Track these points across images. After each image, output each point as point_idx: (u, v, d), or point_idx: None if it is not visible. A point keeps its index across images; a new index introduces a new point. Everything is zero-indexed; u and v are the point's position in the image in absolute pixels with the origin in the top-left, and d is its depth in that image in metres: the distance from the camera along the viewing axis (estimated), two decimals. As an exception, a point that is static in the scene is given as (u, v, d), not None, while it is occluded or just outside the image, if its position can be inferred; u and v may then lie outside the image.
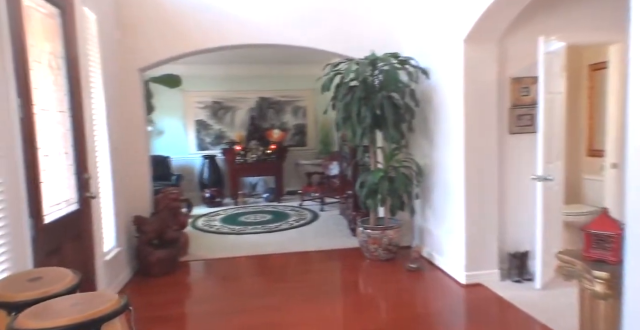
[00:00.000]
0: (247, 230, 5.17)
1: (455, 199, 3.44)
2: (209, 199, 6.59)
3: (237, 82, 7.54)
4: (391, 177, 3.79)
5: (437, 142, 3.72)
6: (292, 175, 7.75)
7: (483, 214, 3.34)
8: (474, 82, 3.23)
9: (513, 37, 3.31)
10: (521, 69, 3.37)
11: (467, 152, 3.28)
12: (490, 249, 3.37)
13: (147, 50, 3.85)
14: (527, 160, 3.43)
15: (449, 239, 3.59)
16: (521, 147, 3.44)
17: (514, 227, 3.51)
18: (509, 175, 3.46)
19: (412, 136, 4.09)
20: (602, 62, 4.14)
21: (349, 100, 3.60)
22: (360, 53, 3.79)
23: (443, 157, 3.63)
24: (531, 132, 3.40)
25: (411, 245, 4.30)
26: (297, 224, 5.44)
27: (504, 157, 3.42)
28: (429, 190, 3.92)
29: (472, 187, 3.30)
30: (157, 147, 7.32)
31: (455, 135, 3.37)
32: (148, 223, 3.54)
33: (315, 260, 4.04)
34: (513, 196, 3.48)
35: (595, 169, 4.29)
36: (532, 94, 3.38)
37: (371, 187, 3.75)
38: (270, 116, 7.80)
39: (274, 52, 6.35)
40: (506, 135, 3.41)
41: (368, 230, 3.88)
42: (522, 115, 3.39)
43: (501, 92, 3.34)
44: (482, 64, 3.22)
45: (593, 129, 4.34)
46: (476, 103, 3.25)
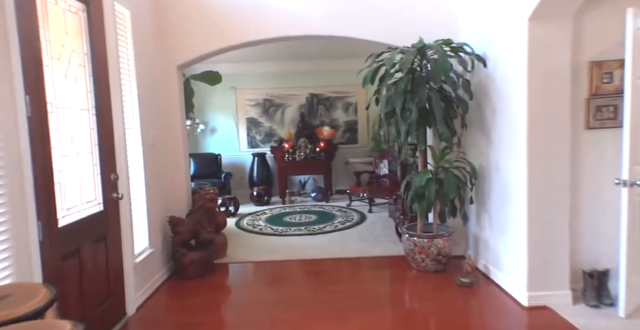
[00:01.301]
0: (289, 231, 4.99)
1: (516, 206, 2.94)
2: (256, 197, 6.53)
3: (287, 79, 7.41)
4: (440, 179, 3.36)
5: (494, 140, 3.22)
6: (342, 174, 7.47)
7: (550, 224, 2.81)
8: (540, 68, 2.71)
9: (593, 10, 2.74)
10: (603, 50, 2.78)
11: (531, 151, 2.77)
12: (559, 265, 2.84)
13: (185, 46, 3.78)
14: (609, 161, 2.84)
15: (508, 252, 3.09)
16: (601, 145, 2.85)
17: (591, 240, 2.93)
18: (586, 179, 2.88)
19: (465, 133, 3.61)
20: None
21: (392, 93, 3.23)
22: (408, 42, 3.40)
23: (502, 157, 3.13)
24: (614, 126, 2.81)
25: (464, 256, 3.83)
26: (342, 226, 5.16)
27: (579, 156, 2.86)
28: (485, 194, 3.43)
29: (537, 192, 2.79)
30: (209, 145, 7.44)
31: (517, 131, 2.87)
32: (183, 224, 3.46)
33: (356, 268, 3.73)
34: (591, 203, 2.91)
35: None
36: (617, 80, 2.77)
37: (417, 191, 3.35)
38: (320, 113, 7.58)
39: (322, 47, 6.12)
40: (582, 131, 2.84)
41: (414, 238, 3.49)
42: (603, 107, 2.80)
43: (576, 80, 2.78)
44: (552, 46, 2.69)
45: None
46: (543, 93, 2.73)
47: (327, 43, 5.87)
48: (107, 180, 2.67)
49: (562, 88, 2.72)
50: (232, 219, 5.65)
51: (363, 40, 3.68)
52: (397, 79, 3.35)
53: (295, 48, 6.23)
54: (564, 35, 2.67)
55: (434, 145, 3.53)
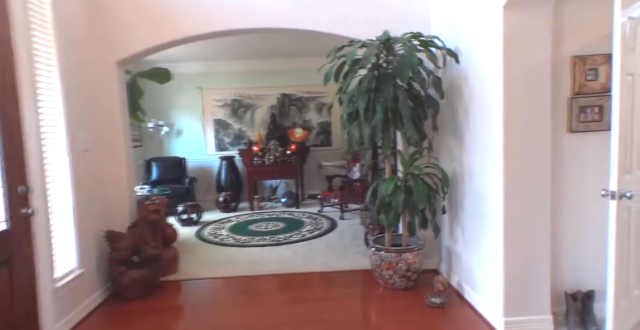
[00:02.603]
0: (252, 241, 4.59)
1: (490, 218, 2.63)
2: (222, 203, 6.11)
3: (257, 78, 7.01)
4: (409, 188, 3.03)
5: (468, 144, 2.90)
6: (315, 178, 7.11)
7: (530, 239, 2.50)
8: (518, 63, 2.40)
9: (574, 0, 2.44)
10: (587, 43, 2.48)
11: (508, 157, 2.45)
12: (539, 285, 2.53)
13: (127, 39, 3.35)
14: (594, 168, 2.55)
15: (483, 269, 2.78)
16: (585, 151, 2.56)
17: (574, 257, 2.63)
18: (568, 189, 2.59)
19: (437, 136, 3.29)
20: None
21: (354, 91, 2.88)
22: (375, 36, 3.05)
23: (476, 163, 2.81)
24: (600, 129, 2.52)
25: (437, 270, 3.51)
26: (309, 235, 4.79)
27: (561, 163, 2.56)
28: (458, 204, 3.11)
29: (514, 202, 2.47)
30: (174, 149, 6.98)
31: (492, 135, 2.56)
32: (122, 239, 3.04)
33: (319, 285, 3.37)
34: (573, 216, 2.61)
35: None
36: (603, 77, 2.48)
37: (383, 200, 3.01)
38: (292, 114, 7.20)
39: (294, 44, 5.75)
40: (564, 135, 2.54)
41: (381, 253, 3.14)
42: (587, 107, 2.50)
43: (558, 76, 2.48)
44: (530, 38, 2.37)
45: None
46: (522, 92, 2.41)
47: (298, 40, 5.50)
48: (13, 194, 2.25)
49: (542, 86, 2.41)
50: (193, 227, 5.23)
51: (327, 34, 3.32)
52: (361, 76, 3.01)
53: (265, 46, 5.85)
54: (544, 25, 2.36)
55: (403, 149, 3.19)
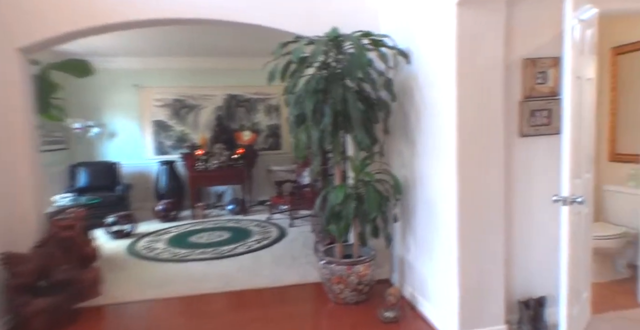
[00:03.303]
0: (192, 255, 4.20)
1: (444, 225, 2.50)
2: (162, 212, 5.63)
3: (202, 77, 6.60)
4: (360, 195, 2.85)
5: (420, 149, 2.77)
6: (264, 183, 6.80)
7: (484, 247, 2.39)
8: (471, 64, 2.29)
9: (525, 0, 2.37)
10: (538, 46, 2.43)
11: (461, 161, 2.33)
12: (494, 295, 2.43)
13: (30, 23, 2.87)
14: (543, 173, 2.50)
15: (436, 279, 2.64)
16: (535, 155, 2.50)
17: (525, 265, 2.57)
18: (519, 194, 2.52)
19: (388, 140, 3.14)
20: (629, 44, 3.24)
21: (301, 92, 2.65)
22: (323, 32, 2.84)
23: (428, 168, 2.68)
24: (549, 133, 2.47)
25: (389, 279, 3.36)
26: (257, 245, 4.49)
27: (512, 168, 2.48)
28: (410, 211, 2.97)
29: (469, 209, 2.36)
30: (107, 152, 6.37)
31: (445, 138, 2.43)
32: (24, 262, 2.58)
33: (263, 304, 3.08)
34: (524, 222, 2.54)
35: (619, 178, 3.37)
36: (551, 81, 2.44)
37: (333, 209, 2.80)
38: (240, 116, 6.86)
39: (242, 42, 5.42)
40: (515, 139, 2.47)
41: (331, 265, 2.93)
42: (537, 111, 2.45)
43: (509, 79, 2.40)
44: (484, 38, 2.27)
45: (616, 127, 3.43)
46: (474, 94, 2.31)
47: (246, 38, 5.19)
48: None
49: (495, 89, 2.32)
50: (126, 241, 4.73)
51: (267, 28, 3.06)
52: (309, 76, 2.78)
53: (210, 42, 5.48)
54: (497, 25, 2.27)
55: (354, 154, 3.00)
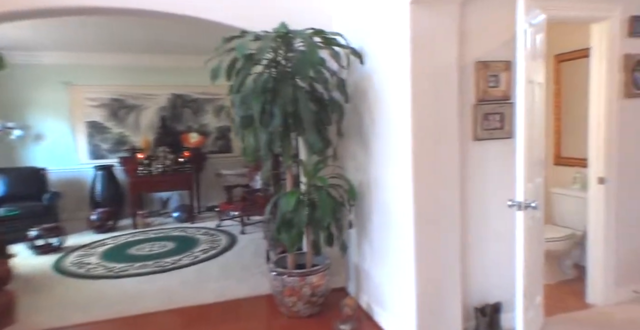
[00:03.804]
0: (130, 270, 3.83)
1: (400, 231, 2.41)
2: (97, 222, 5.14)
3: (143, 75, 6.15)
4: (313, 202, 2.69)
5: (375, 152, 2.67)
6: (214, 188, 6.46)
7: (440, 254, 2.32)
8: (425, 65, 2.21)
9: (478, 2, 2.34)
10: (489, 49, 2.40)
11: (416, 165, 2.25)
12: (451, 302, 2.36)
13: None
14: (497, 177, 2.48)
15: (393, 287, 2.54)
16: (489, 159, 2.47)
17: (482, 270, 2.53)
18: (473, 199, 2.48)
19: (342, 143, 3.02)
20: (571, 52, 3.36)
21: (248, 92, 2.44)
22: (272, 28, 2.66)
23: (383, 172, 2.58)
24: (502, 137, 2.45)
25: (345, 288, 3.23)
26: (204, 255, 4.19)
27: (467, 173, 2.44)
28: (365, 217, 2.86)
29: (425, 214, 2.28)
30: (33, 157, 5.74)
31: (400, 142, 2.34)
32: None
33: (207, 322, 2.83)
34: (478, 227, 2.50)
35: (565, 181, 3.49)
36: (504, 84, 2.42)
37: (284, 217, 2.62)
38: (186, 117, 6.48)
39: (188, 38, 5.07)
40: (469, 143, 2.42)
41: (283, 277, 2.74)
42: (490, 115, 2.42)
43: (463, 82, 2.35)
44: (438, 39, 2.20)
45: (561, 132, 3.55)
46: (429, 96, 2.23)
47: (191, 33, 4.86)
48: None
49: (449, 91, 2.25)
50: (53, 256, 4.24)
51: (206, 21, 2.82)
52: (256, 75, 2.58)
53: (152, 38, 5.09)
54: (450, 26, 2.20)
55: (306, 158, 2.84)
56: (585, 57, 2.85)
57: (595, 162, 2.75)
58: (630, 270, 2.85)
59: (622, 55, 2.64)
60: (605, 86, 2.65)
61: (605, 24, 2.60)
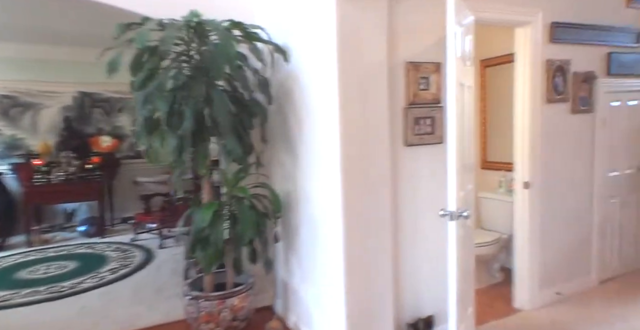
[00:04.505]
0: (15, 298, 3.20)
1: (329, 245, 2.20)
2: (-21, 241, 4.32)
3: (40, 70, 5.35)
4: (233, 215, 2.39)
5: (302, 159, 2.43)
6: (131, 197, 5.81)
7: (372, 267, 2.16)
8: (354, 65, 2.03)
9: None
10: (419, 50, 2.28)
11: (346, 173, 2.06)
12: (383, 319, 2.20)
13: None
14: (429, 185, 2.37)
15: (322, 306, 2.32)
16: (421, 166, 2.35)
17: (414, 283, 2.40)
18: (405, 208, 2.34)
19: (268, 150, 2.75)
20: (496, 57, 3.42)
21: (152, 89, 2.08)
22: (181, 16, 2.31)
23: (312, 180, 2.36)
24: (432, 143, 2.34)
25: (272, 306, 2.95)
26: (112, 276, 3.66)
27: (399, 181, 2.29)
28: (293, 229, 2.62)
29: (355, 225, 2.10)
30: None
31: (327, 148, 2.13)
32: None
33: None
34: (411, 238, 2.37)
35: (491, 185, 3.54)
36: (434, 87, 2.32)
37: (199, 234, 2.29)
38: (96, 118, 5.77)
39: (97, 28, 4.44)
40: (400, 148, 2.28)
41: (200, 301, 2.40)
42: (421, 119, 2.30)
43: (393, 84, 2.20)
44: (366, 37, 2.03)
45: (486, 136, 3.60)
46: (358, 99, 2.05)
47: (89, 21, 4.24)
48: None
49: (379, 94, 2.09)
50: None
51: (100, 4, 2.41)
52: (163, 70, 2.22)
53: (50, 26, 4.40)
54: (380, 22, 2.04)
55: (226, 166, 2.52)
56: (510, 63, 2.87)
57: (521, 166, 2.77)
58: (553, 273, 2.92)
59: (544, 60, 2.68)
60: (529, 91, 2.67)
61: (528, 29, 2.63)
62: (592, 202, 3.06)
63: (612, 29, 2.96)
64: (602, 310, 2.76)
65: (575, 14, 2.80)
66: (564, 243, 2.96)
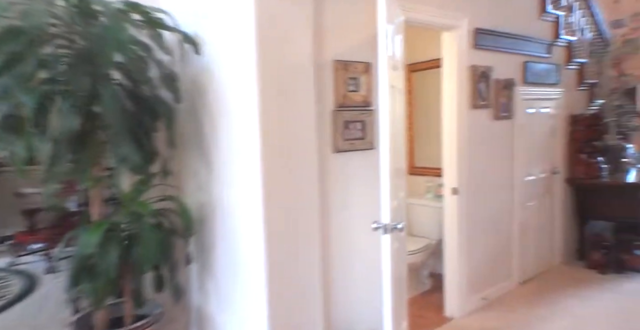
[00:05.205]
0: None
1: (249, 266, 1.91)
2: None
3: None
4: (132, 236, 1.96)
5: (218, 168, 2.10)
6: (12, 212, 4.89)
7: (299, 288, 1.91)
8: (276, 62, 1.78)
9: (335, -10, 2.01)
10: (348, 48, 2.09)
11: (267, 183, 1.79)
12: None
13: None
14: (361, 194, 2.18)
15: (243, 336, 2.01)
16: (352, 174, 2.16)
17: (346, 300, 2.19)
18: (336, 220, 2.12)
19: (178, 156, 2.36)
20: (422, 62, 3.39)
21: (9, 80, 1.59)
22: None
23: (228, 192, 2.04)
24: (363, 148, 2.16)
25: (186, 340, 2.54)
26: (-23, 315, 2.94)
27: (328, 190, 2.07)
28: (209, 248, 2.26)
29: (279, 241, 1.85)
30: None
31: (247, 155, 1.83)
32: None
33: None
34: (343, 252, 2.16)
35: (419, 190, 3.50)
36: (364, 89, 2.14)
37: (84, 261, 1.83)
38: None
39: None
40: (330, 155, 2.06)
41: (87, 345, 1.93)
42: (351, 123, 2.10)
43: (320, 84, 1.97)
44: (290, 30, 1.79)
45: (413, 142, 3.56)
46: (281, 99, 1.80)
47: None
48: None
49: (305, 94, 1.85)
50: None
51: None
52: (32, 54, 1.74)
53: None
54: (305, 15, 1.81)
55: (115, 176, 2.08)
56: (436, 68, 2.83)
57: (449, 173, 2.71)
58: (479, 278, 2.92)
59: (469, 66, 2.66)
60: (456, 97, 2.63)
61: (455, 34, 2.59)
62: (512, 206, 3.14)
63: (527, 38, 3.07)
64: (526, 312, 2.81)
65: (495, 22, 2.85)
66: (489, 248, 2.98)
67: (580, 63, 3.66)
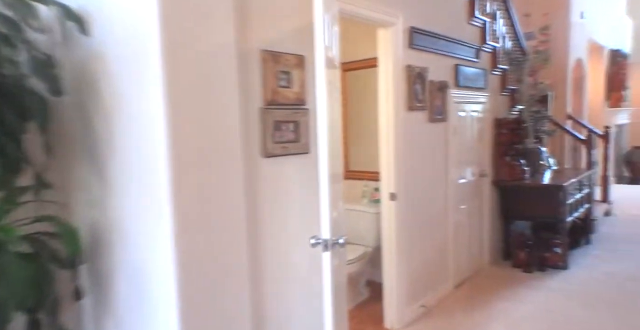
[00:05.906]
0: None
1: (160, 298, 1.52)
2: None
3: None
4: (-12, 274, 1.46)
5: (115, 178, 1.67)
6: None
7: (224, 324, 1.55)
8: (188, 48, 1.43)
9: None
10: (278, 37, 1.79)
11: (179, 197, 1.43)
12: None
13: None
14: (296, 204, 1.90)
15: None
16: (285, 182, 1.86)
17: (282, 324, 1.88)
18: (269, 235, 1.81)
19: (60, 165, 1.87)
20: (357, 61, 3.21)
21: None
22: None
23: (130, 208, 1.63)
24: (298, 152, 1.88)
25: None
26: None
27: (258, 201, 1.75)
28: (106, 279, 1.81)
29: (196, 271, 1.49)
30: None
31: (152, 162, 1.45)
32: None
33: None
34: (279, 273, 1.86)
35: (354, 195, 3.31)
36: (297, 85, 1.85)
37: None
38: None
39: None
40: (259, 160, 1.75)
41: None
42: (282, 123, 1.81)
43: (245, 77, 1.65)
44: (206, 11, 1.44)
45: (347, 144, 3.37)
46: (194, 94, 1.45)
47: None
48: None
49: (227, 88, 1.52)
50: None
51: None
52: None
53: None
54: (224, -14, 1.48)
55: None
56: (371, 68, 2.65)
57: (387, 177, 2.54)
58: (419, 284, 2.80)
59: (405, 66, 2.52)
60: (393, 98, 2.46)
61: (391, 31, 2.42)
62: (447, 209, 3.08)
63: (459, 42, 3.03)
64: (464, 319, 2.75)
65: (429, 22, 2.75)
66: (427, 253, 2.88)
67: (503, 69, 3.77)
